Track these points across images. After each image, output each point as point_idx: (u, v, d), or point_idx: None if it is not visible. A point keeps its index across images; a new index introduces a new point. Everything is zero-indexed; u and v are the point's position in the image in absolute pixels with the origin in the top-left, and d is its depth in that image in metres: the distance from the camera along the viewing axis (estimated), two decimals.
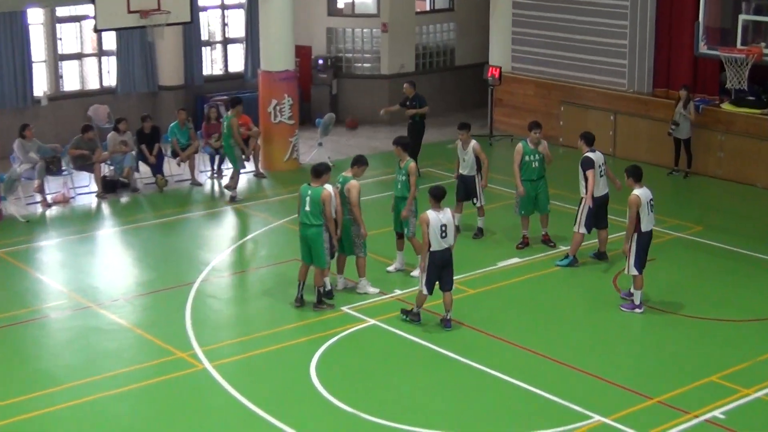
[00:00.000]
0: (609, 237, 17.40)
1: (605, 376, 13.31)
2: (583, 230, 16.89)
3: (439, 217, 14.36)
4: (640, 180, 15.21)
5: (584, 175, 16.76)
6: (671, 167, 22.93)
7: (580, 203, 16.95)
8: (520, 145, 17.83)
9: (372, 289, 16.09)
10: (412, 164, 16.63)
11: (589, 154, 16.84)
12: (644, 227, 15.11)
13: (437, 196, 14.49)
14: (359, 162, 16.05)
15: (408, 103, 22.60)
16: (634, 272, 15.20)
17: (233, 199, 21.13)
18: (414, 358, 13.93)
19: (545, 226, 18.13)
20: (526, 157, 17.70)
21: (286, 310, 15.56)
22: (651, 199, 15.24)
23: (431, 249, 14.35)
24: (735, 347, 14.27)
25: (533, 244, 18.10)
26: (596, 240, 17.46)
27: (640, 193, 15.02)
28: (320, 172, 15.32)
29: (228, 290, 16.72)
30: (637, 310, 15.23)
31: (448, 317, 14.73)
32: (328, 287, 15.65)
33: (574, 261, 17.06)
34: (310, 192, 15.19)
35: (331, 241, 15.37)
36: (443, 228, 14.34)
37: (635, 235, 15.03)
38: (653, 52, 24.61)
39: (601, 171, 16.86)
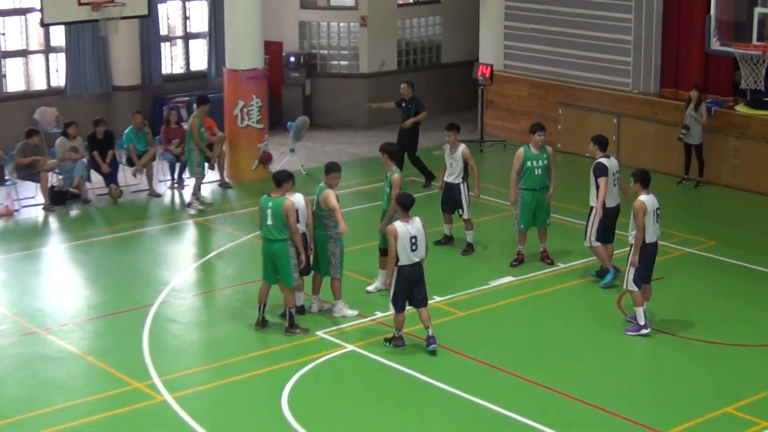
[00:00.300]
0: (614, 252, 17.43)
1: (610, 407, 13.31)
2: (596, 243, 16.89)
3: (408, 228, 14.40)
4: (647, 186, 15.26)
5: (596, 182, 16.76)
6: (681, 176, 23.03)
7: (590, 214, 16.94)
8: (521, 150, 17.81)
9: (350, 312, 16.06)
10: (396, 175, 16.52)
11: (603, 160, 16.85)
12: (648, 238, 15.16)
13: (404, 205, 14.54)
14: (332, 169, 15.96)
15: (404, 104, 22.70)
16: (633, 287, 15.22)
17: (198, 209, 21.15)
18: (397, 388, 13.91)
19: (543, 241, 18.15)
20: (528, 163, 17.67)
21: (255, 336, 15.53)
22: (657, 208, 15.29)
23: (400, 263, 14.40)
24: (752, 375, 14.30)
25: (529, 261, 18.11)
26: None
27: (647, 199, 15.07)
28: (281, 180, 15.30)
29: (190, 313, 16.68)
30: (644, 331, 15.25)
31: (431, 333, 14.72)
32: (299, 303, 15.75)
33: (616, 272, 16.98)
34: (270, 204, 15.15)
35: (300, 257, 15.31)
36: (413, 240, 14.38)
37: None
38: (660, 49, 24.73)
39: (614, 180, 16.89)
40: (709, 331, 15.54)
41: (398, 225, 14.38)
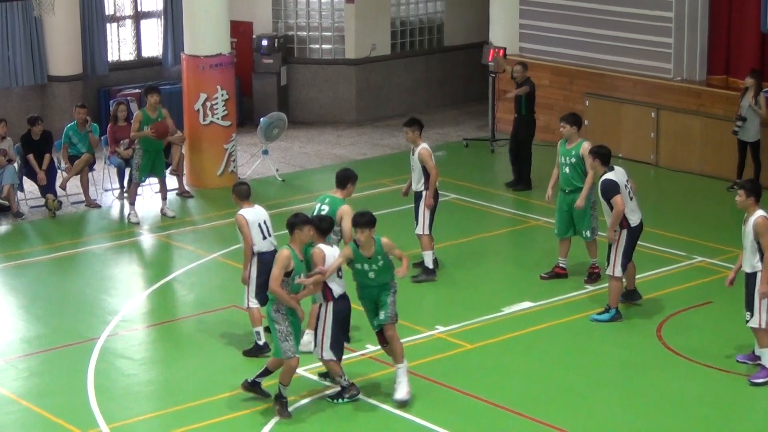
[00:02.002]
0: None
1: None
2: (619, 273, 17.00)
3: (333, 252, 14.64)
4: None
5: (609, 204, 16.92)
6: (733, 180, 23.14)
7: (612, 241, 17.11)
8: (559, 143, 18.53)
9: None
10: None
11: (610, 175, 17.01)
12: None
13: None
14: (350, 178, 16.38)
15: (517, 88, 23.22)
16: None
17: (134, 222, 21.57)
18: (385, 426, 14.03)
19: (591, 255, 18.48)
20: (560, 159, 18.32)
21: (221, 374, 15.62)
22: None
23: (334, 295, 14.55)
24: None
25: (573, 276, 18.46)
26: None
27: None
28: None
29: (143, 348, 16.79)
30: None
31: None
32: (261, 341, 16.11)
33: (617, 315, 17.16)
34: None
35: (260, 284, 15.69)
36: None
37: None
38: (707, 28, 24.88)
39: (629, 193, 17.04)
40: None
41: (325, 248, 14.55)
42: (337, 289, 14.42)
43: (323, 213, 15.61)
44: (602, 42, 25.90)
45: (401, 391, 14.46)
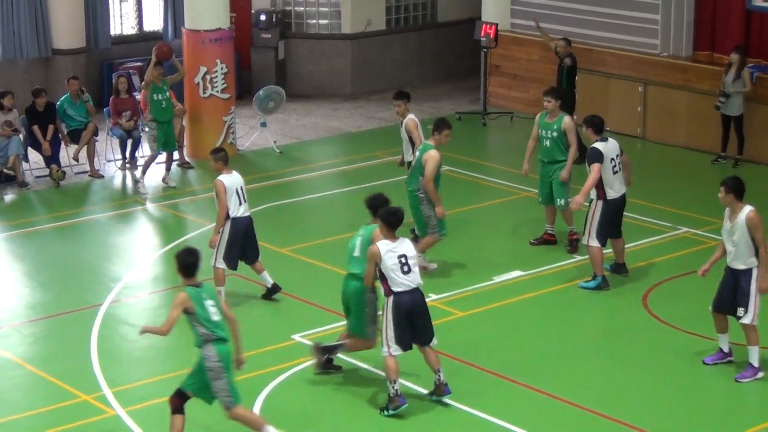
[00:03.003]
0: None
1: (633, 422, 13.50)
2: (594, 242, 17.02)
3: (394, 247, 13.67)
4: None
5: (589, 170, 17.00)
6: (717, 153, 23.20)
7: (589, 208, 17.17)
8: (538, 115, 18.59)
9: (431, 266, 17.62)
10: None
11: (599, 145, 17.06)
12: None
13: (391, 224, 13.73)
14: (442, 125, 17.21)
15: (561, 64, 23.10)
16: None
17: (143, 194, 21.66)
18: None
19: (568, 223, 18.56)
20: (540, 132, 18.40)
21: None
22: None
23: (394, 290, 13.68)
24: None
25: (562, 245, 18.63)
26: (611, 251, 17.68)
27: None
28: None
29: (145, 314, 16.83)
30: (760, 375, 14.72)
31: (442, 380, 14.01)
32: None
33: (603, 282, 17.24)
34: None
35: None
36: (402, 260, 13.65)
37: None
38: (694, 4, 24.89)
39: (615, 166, 17.04)
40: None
41: (382, 245, 13.71)
42: (395, 284, 13.57)
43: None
44: (591, 18, 25.91)
45: None
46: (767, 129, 22.97)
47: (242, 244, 16.45)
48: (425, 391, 14.03)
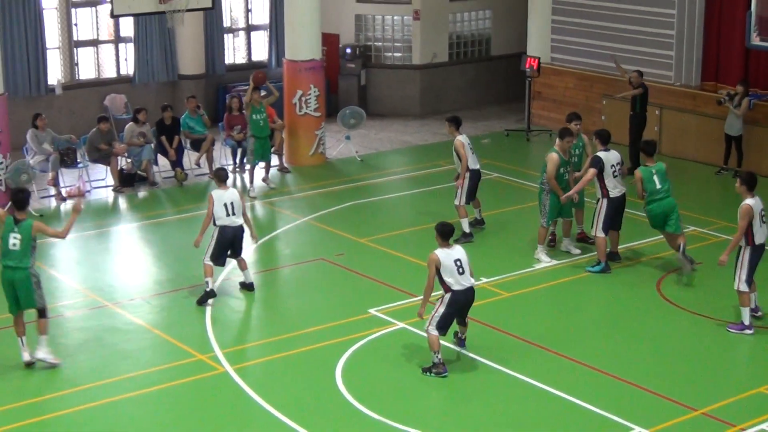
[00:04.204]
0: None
1: (647, 385, 13.39)
2: (600, 233, 17.00)
3: (450, 252, 13.67)
4: (753, 189, 14.85)
5: (587, 172, 17.13)
6: (720, 165, 22.96)
7: (596, 206, 17.16)
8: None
9: (545, 258, 17.52)
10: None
11: (601, 153, 17.06)
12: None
13: (444, 234, 13.74)
14: (564, 133, 17.24)
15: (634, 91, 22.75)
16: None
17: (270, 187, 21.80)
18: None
19: (579, 222, 18.29)
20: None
21: (311, 312, 15.73)
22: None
23: (452, 289, 13.61)
24: None
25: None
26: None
27: (752, 203, 14.74)
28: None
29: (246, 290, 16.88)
30: (747, 332, 14.88)
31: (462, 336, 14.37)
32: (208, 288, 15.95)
33: (606, 267, 17.13)
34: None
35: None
36: (458, 263, 13.62)
37: (748, 249, 14.81)
38: (702, 44, 24.63)
39: (615, 171, 17.02)
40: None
41: (439, 252, 13.66)
42: (453, 283, 13.55)
43: None
44: (618, 54, 25.64)
45: None
46: (763, 146, 22.72)
47: (228, 247, 16.28)
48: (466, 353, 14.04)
